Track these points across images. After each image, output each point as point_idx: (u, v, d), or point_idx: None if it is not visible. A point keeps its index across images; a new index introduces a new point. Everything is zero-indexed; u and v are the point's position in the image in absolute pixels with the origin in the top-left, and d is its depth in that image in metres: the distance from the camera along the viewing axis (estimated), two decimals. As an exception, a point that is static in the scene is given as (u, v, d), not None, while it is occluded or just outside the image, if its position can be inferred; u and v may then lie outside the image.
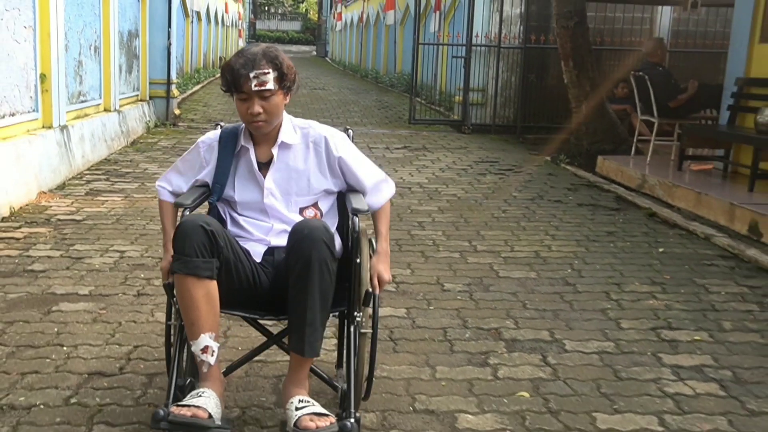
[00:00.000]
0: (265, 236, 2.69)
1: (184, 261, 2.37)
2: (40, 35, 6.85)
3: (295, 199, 2.74)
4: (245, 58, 2.57)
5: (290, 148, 2.74)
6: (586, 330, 3.82)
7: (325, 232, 2.42)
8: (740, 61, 7.38)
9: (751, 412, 2.99)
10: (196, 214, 2.51)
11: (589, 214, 6.43)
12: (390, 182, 2.88)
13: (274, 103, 2.62)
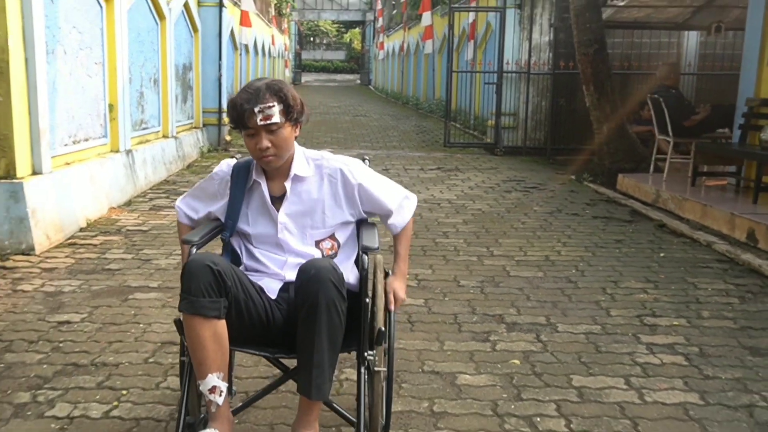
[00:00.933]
0: (280, 270, 2.67)
1: (190, 301, 2.35)
2: (108, 70, 7.76)
3: (310, 232, 2.71)
4: (249, 93, 2.56)
5: (303, 180, 2.71)
6: (578, 316, 4.45)
7: (333, 272, 2.39)
8: (750, 83, 7.94)
9: (706, 376, 3.60)
10: (204, 253, 2.48)
11: (601, 225, 7.04)
12: (411, 197, 2.88)
13: (283, 137, 2.60)
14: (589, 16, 9.39)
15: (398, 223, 2.81)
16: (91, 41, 7.31)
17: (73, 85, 6.89)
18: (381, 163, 10.90)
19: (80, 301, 4.60)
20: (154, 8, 9.33)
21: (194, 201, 2.89)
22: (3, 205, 5.57)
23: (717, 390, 3.44)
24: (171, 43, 10.02)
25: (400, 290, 2.72)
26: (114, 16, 7.74)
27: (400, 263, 2.81)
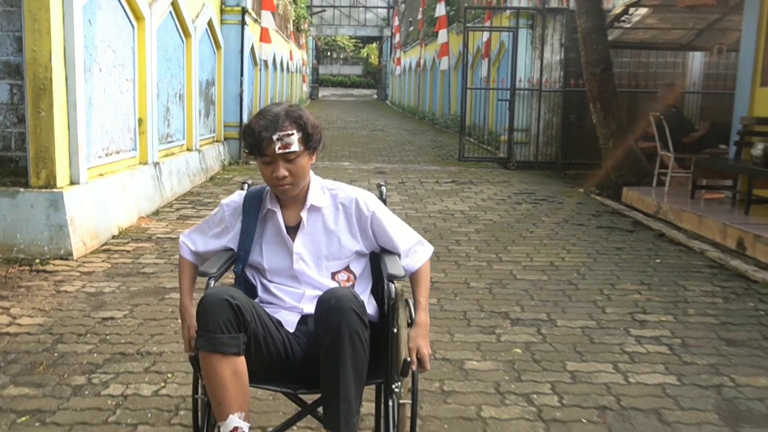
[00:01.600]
0: (297, 303, 2.59)
1: (208, 338, 2.26)
2: (138, 86, 8.34)
3: (326, 263, 2.65)
4: (267, 120, 2.49)
5: (319, 210, 2.66)
6: (576, 313, 4.93)
7: (354, 300, 2.33)
8: (744, 103, 8.42)
9: (684, 362, 4.08)
10: (221, 287, 2.41)
11: (604, 234, 7.51)
12: (426, 245, 2.76)
13: (300, 165, 2.53)
14: (596, 38, 9.91)
15: (409, 266, 2.65)
16: (123, 59, 7.88)
17: (107, 101, 7.44)
18: (398, 177, 11.41)
19: (120, 300, 5.11)
20: (180, 27, 9.92)
21: (202, 236, 2.77)
22: (44, 213, 6.09)
23: (692, 373, 3.91)
24: (196, 59, 10.61)
25: (423, 345, 2.51)
26: (144, 35, 8.32)
27: (421, 313, 2.58)
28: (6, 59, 6.08)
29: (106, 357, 4.07)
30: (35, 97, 6.01)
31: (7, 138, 6.20)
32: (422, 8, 25.98)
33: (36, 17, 5.90)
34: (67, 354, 4.10)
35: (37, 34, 5.94)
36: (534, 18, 12.83)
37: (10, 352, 4.07)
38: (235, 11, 12.72)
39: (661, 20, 11.43)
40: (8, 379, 3.69)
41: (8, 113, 6.16)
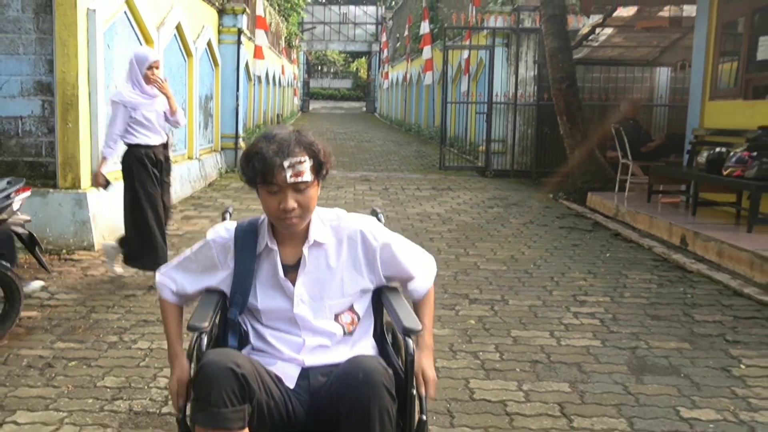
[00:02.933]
0: (296, 355, 2.35)
1: (210, 413, 2.03)
2: (146, 100, 9.11)
3: (329, 303, 2.40)
4: (277, 144, 2.21)
5: (322, 246, 2.41)
6: (526, 295, 5.74)
7: (385, 374, 2.12)
8: (696, 115, 9.29)
9: (610, 331, 4.88)
10: (221, 352, 2.16)
11: (565, 233, 8.33)
12: (431, 259, 2.63)
13: (310, 196, 2.28)
14: (561, 57, 10.77)
15: (421, 288, 2.53)
16: (134, 77, 8.65)
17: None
18: (381, 184, 12.22)
19: (139, 282, 5.90)
20: (183, 47, 10.73)
21: (184, 275, 2.48)
22: (70, 210, 6.90)
23: (615, 339, 4.72)
24: (196, 76, 11.41)
25: (429, 369, 2.39)
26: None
27: (426, 336, 2.46)
28: (39, 79, 6.91)
29: (132, 323, 4.87)
30: (64, 112, 6.83)
31: (38, 146, 7.02)
32: (408, 25, 26.88)
33: (66, 43, 6.75)
34: (100, 320, 4.90)
35: (66, 57, 6.78)
36: (509, 37, 13.68)
37: (53, 318, 4.88)
38: (231, 31, 13.55)
39: (626, 39, 12.33)
40: (55, 338, 4.51)
41: (40, 125, 6.98)
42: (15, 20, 6.91)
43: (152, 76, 5.62)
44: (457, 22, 16.08)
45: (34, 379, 3.90)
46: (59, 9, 6.81)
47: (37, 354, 4.26)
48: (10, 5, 6.92)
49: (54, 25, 6.83)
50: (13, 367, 4.08)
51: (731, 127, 8.26)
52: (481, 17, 14.66)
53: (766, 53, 8.03)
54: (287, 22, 28.66)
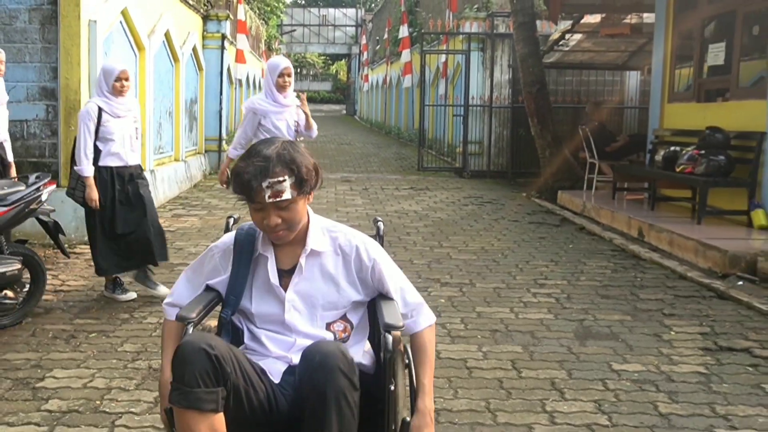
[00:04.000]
0: (286, 353, 2.47)
1: (183, 392, 2.13)
2: (139, 105, 9.80)
3: (322, 312, 2.50)
4: (255, 166, 2.33)
5: (319, 255, 2.51)
6: (492, 280, 6.53)
7: (342, 358, 2.18)
8: (656, 117, 10.15)
9: (563, 307, 5.68)
10: (199, 334, 2.28)
11: (533, 228, 9.14)
12: (429, 311, 2.60)
13: (295, 211, 2.40)
14: (531, 62, 11.63)
15: (409, 328, 2.51)
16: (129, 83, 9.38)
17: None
18: (361, 184, 13.00)
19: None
20: (171, 53, 11.45)
21: (190, 289, 2.61)
22: (71, 207, 7.57)
23: (566, 313, 5.52)
24: (183, 81, 12.13)
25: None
26: (144, 61, 9.86)
27: (425, 399, 2.39)
28: (44, 85, 7.63)
29: (140, 303, 5.63)
30: (66, 115, 7.56)
31: (42, 147, 7.74)
32: (388, 28, 27.69)
33: (69, 52, 7.49)
34: (110, 301, 5.65)
35: (70, 65, 7.52)
36: (484, 42, 14.53)
37: (68, 301, 5.62)
38: (215, 37, 14.30)
39: (595, 44, 13.21)
40: (73, 315, 5.26)
41: (44, 128, 7.71)
42: (22, 31, 7.63)
43: (283, 83, 5.92)
44: (434, 27, 16.89)
45: (62, 347, 4.64)
46: (64, 21, 7.54)
47: (59, 328, 5.00)
48: (17, 17, 7.64)
49: (59, 35, 7.56)
50: (42, 338, 4.81)
51: (687, 127, 9.11)
52: (457, 23, 15.50)
53: (715, 59, 8.90)
54: (267, 25, 29.39)
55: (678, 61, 9.90)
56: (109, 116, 5.52)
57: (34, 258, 5.12)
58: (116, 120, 5.56)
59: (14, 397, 3.89)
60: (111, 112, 5.53)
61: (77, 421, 3.62)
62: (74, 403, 3.82)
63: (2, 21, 7.66)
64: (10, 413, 3.67)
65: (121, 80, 5.54)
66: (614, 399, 3.94)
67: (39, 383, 4.06)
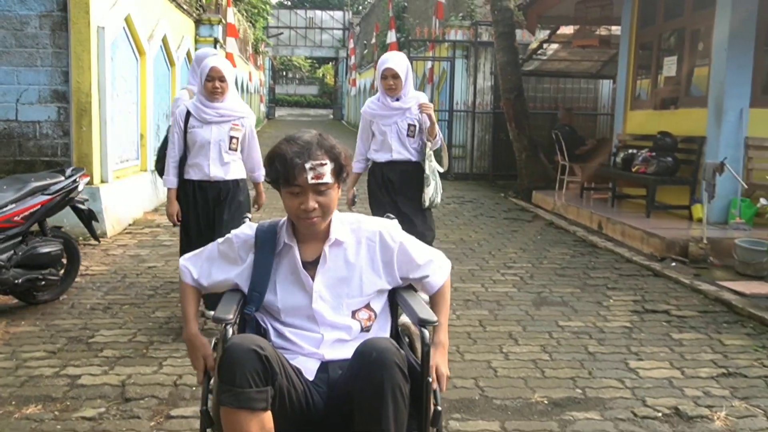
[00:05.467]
0: (316, 349, 2.58)
1: (235, 393, 2.23)
2: (141, 108, 11.04)
3: (347, 301, 2.64)
4: (299, 146, 2.45)
5: (341, 245, 2.65)
6: (468, 264, 7.78)
7: (397, 354, 2.33)
8: (620, 122, 11.47)
9: (526, 284, 6.95)
10: (245, 336, 2.40)
11: (508, 222, 10.43)
12: (445, 260, 2.84)
13: (331, 198, 2.52)
14: (510, 70, 12.95)
15: (435, 283, 2.74)
16: (131, 86, 10.58)
17: (122, 120, 10.14)
18: (350, 184, 14.22)
19: (155, 258, 7.82)
20: (167, 57, 12.65)
21: (206, 262, 2.75)
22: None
23: (528, 288, 6.79)
24: (179, 84, 13.32)
25: (442, 365, 2.60)
26: (145, 66, 11.06)
27: (440, 333, 2.67)
28: (56, 88, 8.76)
29: (161, 283, 6.81)
30: (78, 117, 8.71)
31: (54, 147, 8.88)
32: (376, 33, 28.97)
33: (80, 57, 8.61)
34: (134, 283, 6.82)
35: (81, 69, 8.64)
36: (468, 49, 15.83)
37: (95, 282, 6.79)
38: (208, 41, 15.52)
39: (570, 54, 14.54)
40: (103, 293, 6.43)
41: (56, 129, 8.84)
42: (33, 36, 8.70)
43: (386, 85, 5.55)
44: (420, 34, 18.19)
45: (101, 315, 5.80)
46: (74, 27, 8.58)
47: (94, 302, 6.15)
48: (29, 23, 8.69)
49: (69, 41, 8.59)
50: (81, 309, 5.95)
51: (645, 132, 10.42)
52: (443, 30, 16.79)
53: (669, 71, 10.23)
54: (254, 27, 30.59)
55: (639, 72, 11.22)
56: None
57: (70, 241, 6.24)
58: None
59: (73, 349, 5.02)
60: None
61: (130, 363, 4.73)
62: (124, 351, 4.94)
63: (14, 27, 8.63)
64: (74, 360, 4.79)
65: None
66: (556, 344, 5.20)
67: (90, 339, 5.20)
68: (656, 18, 10.68)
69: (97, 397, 4.15)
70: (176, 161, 5.28)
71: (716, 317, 5.90)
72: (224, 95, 5.09)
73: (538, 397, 4.22)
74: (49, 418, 3.88)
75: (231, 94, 5.18)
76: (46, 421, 3.83)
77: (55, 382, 4.36)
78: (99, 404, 4.04)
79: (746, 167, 8.73)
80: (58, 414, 3.91)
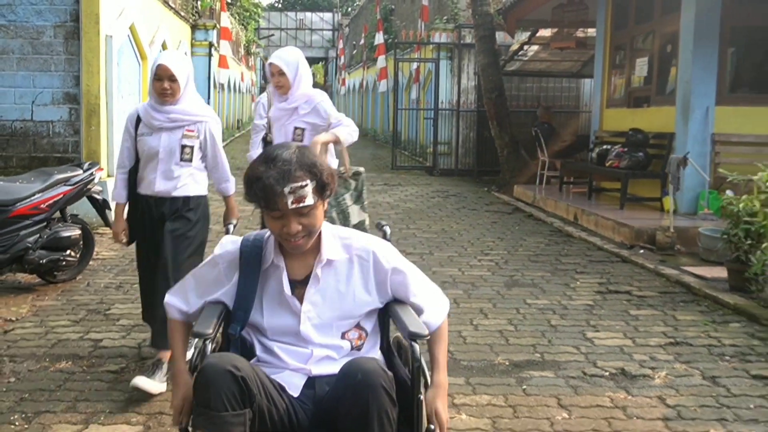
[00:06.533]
0: (304, 365, 2.47)
1: (209, 417, 2.15)
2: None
3: (337, 323, 2.52)
4: (278, 170, 2.30)
5: (333, 264, 2.52)
6: (448, 251, 8.31)
7: (384, 375, 2.24)
8: (597, 120, 12.03)
9: (501, 268, 7.48)
10: (222, 355, 2.30)
11: (488, 215, 10.97)
12: (444, 298, 2.73)
13: (315, 217, 2.38)
14: (491, 71, 13.51)
15: (432, 322, 2.59)
16: (134, 88, 11.10)
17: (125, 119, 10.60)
18: (339, 180, 14.73)
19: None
20: (166, 61, 13.14)
21: (192, 293, 2.64)
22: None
23: (502, 272, 7.33)
24: (177, 86, 13.82)
25: (442, 410, 2.45)
26: (147, 69, 11.55)
27: (440, 374, 2.51)
28: (67, 91, 9.29)
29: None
30: (88, 117, 9.24)
31: (66, 144, 9.40)
32: (364, 34, 29.51)
33: (90, 62, 9.16)
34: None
35: (90, 74, 9.19)
36: (452, 51, 16.38)
37: (106, 265, 7.34)
38: (203, 45, 16.06)
39: (551, 54, 15.08)
40: (114, 274, 6.99)
41: (67, 128, 9.37)
42: (48, 44, 9.29)
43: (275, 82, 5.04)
44: (406, 36, 18.74)
45: (114, 293, 6.36)
46: (86, 36, 9.20)
47: (107, 282, 6.71)
48: (44, 33, 9.30)
49: (81, 48, 9.21)
50: (96, 288, 6.51)
51: (620, 129, 10.97)
52: (428, 33, 17.34)
53: (641, 71, 10.79)
54: (246, 29, 31.10)
55: (614, 72, 11.79)
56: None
57: (86, 227, 6.81)
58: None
59: (93, 319, 5.59)
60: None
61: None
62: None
63: (31, 36, 9.27)
64: (95, 327, 5.36)
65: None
66: (522, 318, 5.74)
67: (107, 311, 5.78)
68: (628, 21, 11.25)
69: (117, 356, 4.76)
70: (125, 172, 4.50)
71: (674, 297, 6.45)
72: (175, 97, 4.27)
73: (500, 360, 4.77)
74: (79, 371, 4.50)
75: (188, 95, 4.37)
76: (77, 374, 4.46)
77: (81, 344, 4.98)
78: (120, 361, 4.64)
79: (713, 162, 9.27)
80: (86, 368, 4.53)
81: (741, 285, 6.23)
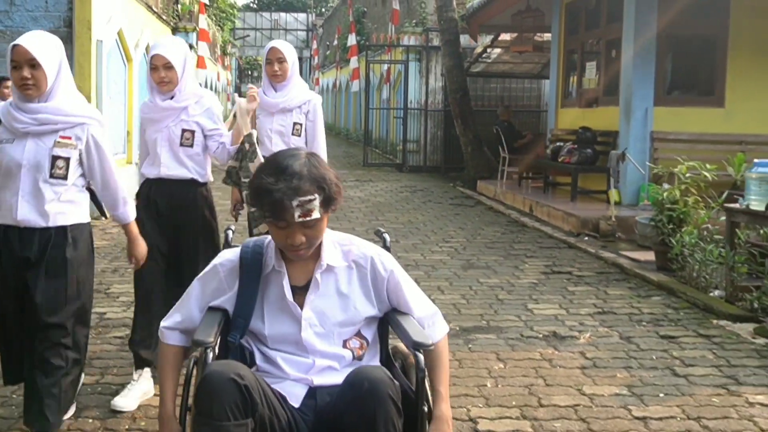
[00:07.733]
0: (305, 375, 2.44)
1: (212, 426, 2.13)
2: (128, 108, 12.20)
3: (338, 330, 2.49)
4: (286, 183, 2.26)
5: (333, 270, 2.51)
6: (412, 239, 9.09)
7: (391, 385, 2.22)
8: (552, 118, 12.88)
9: (459, 253, 8.27)
10: (224, 363, 2.27)
11: (452, 208, 11.76)
12: (443, 319, 2.69)
13: (319, 229, 2.39)
14: (456, 73, 14.32)
15: (432, 335, 2.54)
16: (120, 89, 11.76)
17: (113, 119, 11.29)
18: (314, 176, 15.47)
19: (145, 237, 9.01)
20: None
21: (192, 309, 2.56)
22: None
23: (460, 256, 8.12)
24: (159, 87, 14.46)
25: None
26: (132, 70, 12.22)
27: (442, 405, 2.42)
28: (60, 93, 9.91)
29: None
30: (79, 117, 9.86)
31: (59, 143, 10.02)
32: (337, 35, 30.20)
33: (82, 66, 9.81)
34: (133, 253, 8.02)
35: (82, 76, 9.82)
36: (421, 53, 17.16)
37: (101, 252, 7.99)
38: (183, 47, 16.64)
39: (512, 57, 15.94)
40: (109, 260, 7.72)
41: (60, 127, 9.99)
42: (42, 49, 9.91)
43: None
44: (377, 39, 19.49)
45: (111, 276, 7.05)
46: (78, 41, 9.82)
47: (103, 266, 7.38)
48: (38, 38, 9.93)
49: (73, 52, 9.81)
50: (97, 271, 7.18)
51: (572, 128, 11.81)
52: (398, 36, 18.10)
53: (590, 74, 11.66)
54: (222, 30, 31.63)
55: (567, 75, 12.64)
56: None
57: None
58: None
59: (95, 297, 6.15)
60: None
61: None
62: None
63: None
64: (98, 303, 5.98)
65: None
66: (473, 293, 6.54)
67: (108, 290, 6.47)
68: (579, 28, 12.11)
69: (121, 325, 5.46)
70: None
71: (609, 276, 7.28)
72: (39, 89, 3.25)
73: (452, 326, 5.48)
74: (91, 336, 5.07)
75: (61, 88, 3.37)
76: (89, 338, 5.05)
77: (88, 317, 5.63)
78: (124, 330, 5.32)
79: (653, 157, 10.13)
80: (95, 336, 5.21)
81: (665, 265, 7.07)
